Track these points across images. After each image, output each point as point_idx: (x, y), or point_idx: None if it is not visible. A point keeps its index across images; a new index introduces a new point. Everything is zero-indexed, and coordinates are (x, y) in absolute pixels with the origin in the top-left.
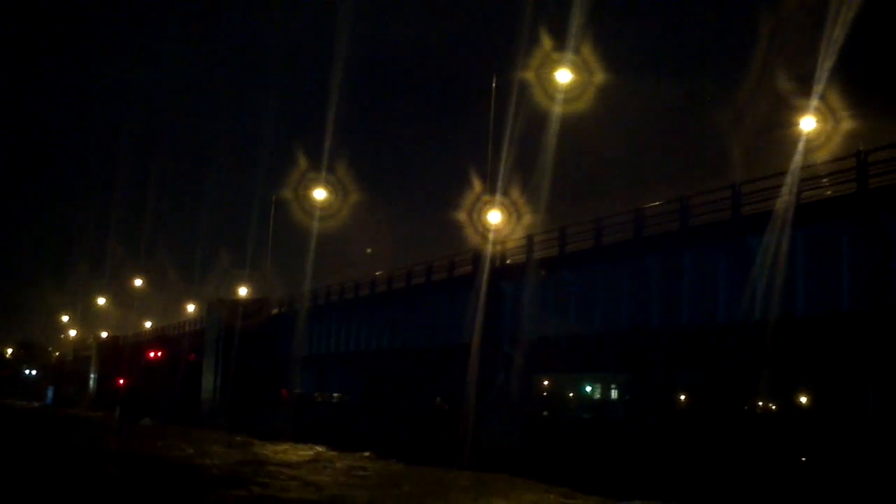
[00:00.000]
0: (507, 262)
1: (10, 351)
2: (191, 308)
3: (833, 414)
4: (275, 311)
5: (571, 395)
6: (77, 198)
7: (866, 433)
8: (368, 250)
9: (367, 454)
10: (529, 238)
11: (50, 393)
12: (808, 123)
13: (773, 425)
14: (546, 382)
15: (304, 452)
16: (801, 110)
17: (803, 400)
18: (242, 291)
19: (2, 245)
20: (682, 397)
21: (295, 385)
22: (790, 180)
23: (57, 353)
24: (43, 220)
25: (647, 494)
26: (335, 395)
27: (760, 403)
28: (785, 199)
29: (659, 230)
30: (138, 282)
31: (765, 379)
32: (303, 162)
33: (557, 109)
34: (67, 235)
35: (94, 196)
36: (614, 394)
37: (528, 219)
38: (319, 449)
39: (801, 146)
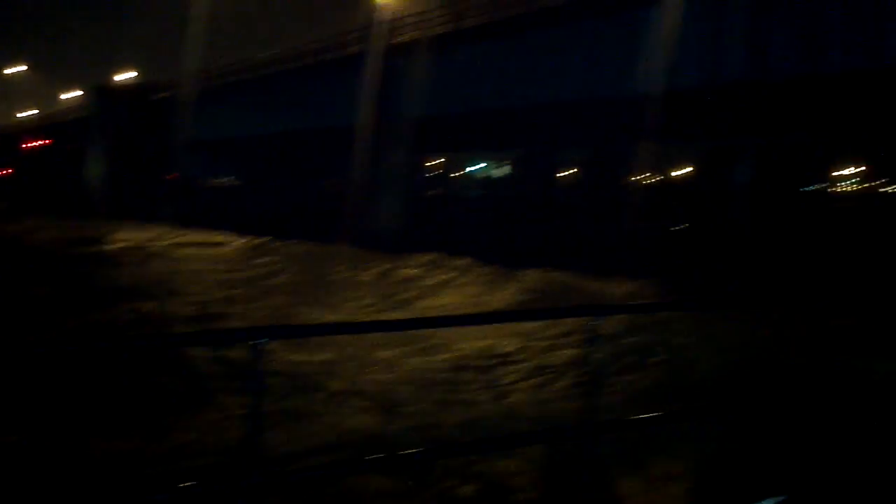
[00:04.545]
0: (400, 39)
1: None
2: (75, 94)
3: (707, 184)
4: (161, 95)
5: (463, 173)
6: None
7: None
8: None
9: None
10: (423, 14)
11: None
12: None
13: (649, 195)
14: (441, 160)
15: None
16: None
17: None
18: (129, 76)
19: None
20: (575, 171)
21: (183, 170)
22: None
23: None
24: None
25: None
26: (226, 179)
27: (643, 176)
28: None
29: (550, 3)
30: (13, 69)
31: (646, 152)
32: None
33: None
34: None
35: None
36: (506, 171)
37: None
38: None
39: None
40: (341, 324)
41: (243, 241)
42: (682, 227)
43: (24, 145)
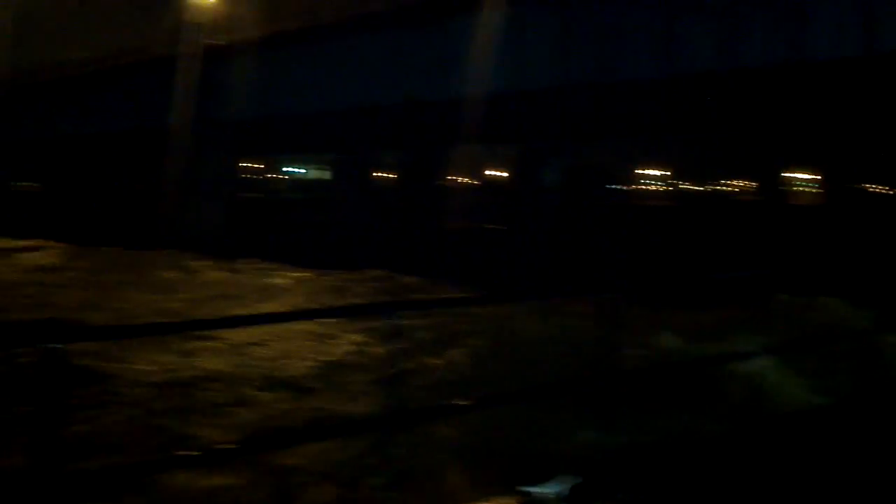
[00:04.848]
0: (219, 41)
1: None
2: None
3: (522, 185)
4: None
5: (281, 176)
6: None
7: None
8: None
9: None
10: (241, 16)
11: None
12: None
13: (467, 196)
14: (263, 165)
15: None
16: None
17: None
18: None
19: None
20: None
21: None
22: None
23: None
24: None
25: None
26: (29, 184)
27: (461, 179)
28: None
29: (370, 9)
30: None
31: (464, 155)
32: None
33: None
34: None
35: None
36: (326, 174)
37: None
38: None
39: None
40: (138, 326)
41: (54, 248)
42: (497, 226)
43: None
